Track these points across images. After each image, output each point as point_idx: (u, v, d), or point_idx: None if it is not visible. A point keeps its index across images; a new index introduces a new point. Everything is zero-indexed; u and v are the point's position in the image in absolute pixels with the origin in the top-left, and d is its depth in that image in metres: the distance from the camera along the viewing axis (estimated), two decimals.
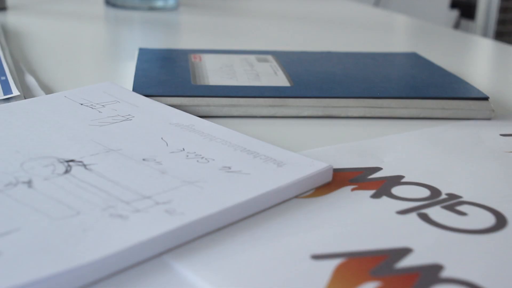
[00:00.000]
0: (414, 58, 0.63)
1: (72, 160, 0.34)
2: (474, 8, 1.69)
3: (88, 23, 0.83)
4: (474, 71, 0.67)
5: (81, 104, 0.43)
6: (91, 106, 0.43)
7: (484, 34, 1.67)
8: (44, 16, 0.84)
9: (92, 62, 0.65)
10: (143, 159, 0.35)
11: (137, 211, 0.29)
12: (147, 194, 0.31)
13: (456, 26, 1.72)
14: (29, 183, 0.31)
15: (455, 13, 1.74)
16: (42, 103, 0.43)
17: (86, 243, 0.27)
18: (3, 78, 0.49)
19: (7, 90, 0.46)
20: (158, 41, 0.74)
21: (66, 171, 0.33)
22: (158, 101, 0.45)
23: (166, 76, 0.52)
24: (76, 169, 0.33)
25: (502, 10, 1.68)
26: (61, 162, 0.34)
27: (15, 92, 0.45)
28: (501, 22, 1.72)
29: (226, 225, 0.31)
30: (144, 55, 0.59)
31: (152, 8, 0.93)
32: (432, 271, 0.27)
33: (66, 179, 0.32)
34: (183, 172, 0.34)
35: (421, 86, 0.52)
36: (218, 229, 0.30)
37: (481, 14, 1.68)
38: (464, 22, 1.75)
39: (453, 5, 1.72)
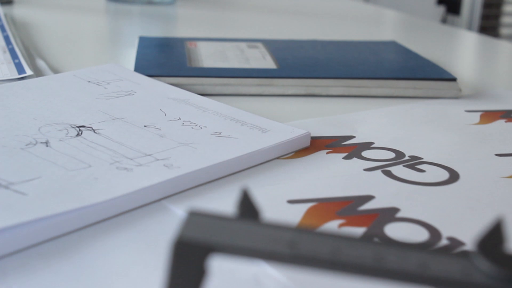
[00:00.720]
0: (393, 46, 0.68)
1: (82, 126, 0.39)
2: (460, 4, 1.74)
3: (90, 15, 0.87)
4: (453, 58, 0.72)
5: (89, 81, 0.48)
6: (97, 83, 0.47)
7: (469, 29, 1.73)
8: (48, 9, 0.89)
9: (96, 50, 0.70)
10: (144, 126, 0.40)
11: (140, 165, 0.34)
12: (148, 152, 0.36)
13: (443, 21, 1.77)
14: (46, 143, 0.36)
15: (441, 9, 1.79)
16: (54, 80, 0.48)
17: (97, 188, 0.31)
18: (16, 61, 0.54)
19: (21, 70, 0.51)
20: (156, 32, 0.78)
21: (78, 134, 0.38)
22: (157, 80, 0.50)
23: (164, 60, 0.56)
24: (86, 133, 0.38)
25: (486, 5, 1.74)
26: (73, 127, 0.39)
27: (28, 72, 0.50)
28: (485, 17, 1.78)
29: (217, 179, 0.35)
30: (144, 42, 0.63)
31: (151, 2, 0.98)
32: (390, 212, 0.32)
33: (78, 141, 0.37)
34: (179, 136, 0.39)
35: (395, 69, 0.57)
36: (210, 181, 0.35)
37: (466, 10, 1.73)
38: (450, 17, 1.80)
39: (440, 1, 1.78)
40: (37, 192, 0.30)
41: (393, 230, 0.30)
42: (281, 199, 0.33)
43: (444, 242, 0.29)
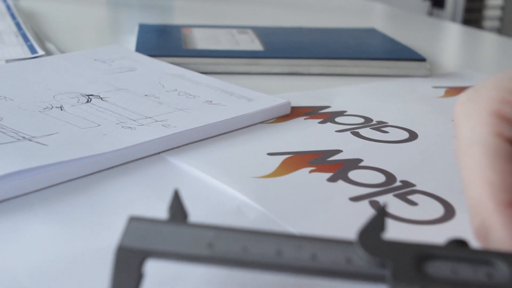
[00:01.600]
0: (372, 32, 0.73)
1: (91, 95, 0.44)
2: None
3: (92, 7, 0.92)
4: (434, 45, 0.77)
5: (95, 60, 0.53)
6: (103, 61, 0.53)
7: (453, 21, 1.78)
8: (53, 1, 0.94)
9: (99, 36, 0.75)
10: (145, 95, 0.45)
11: (142, 125, 0.40)
12: (148, 115, 0.41)
13: (430, 15, 1.82)
14: (61, 107, 0.41)
15: (427, 3, 1.85)
16: (64, 58, 0.53)
17: (106, 141, 0.37)
18: (28, 43, 0.59)
19: (33, 51, 0.56)
20: (155, 21, 0.84)
21: (88, 101, 0.43)
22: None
23: (162, 43, 0.62)
24: (95, 100, 0.43)
25: None
26: (83, 96, 0.44)
27: (40, 52, 0.55)
28: (468, 10, 1.84)
29: (208, 137, 0.41)
30: (144, 28, 0.69)
31: None
32: (354, 162, 0.38)
33: (88, 106, 0.42)
34: (175, 103, 0.44)
35: (371, 51, 0.62)
36: (203, 139, 0.40)
37: (450, 3, 1.79)
38: (435, 11, 1.86)
39: None
40: (55, 144, 0.36)
41: (355, 175, 0.36)
42: (262, 152, 0.39)
43: (398, 184, 0.35)
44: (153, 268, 0.24)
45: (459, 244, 0.24)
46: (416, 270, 0.22)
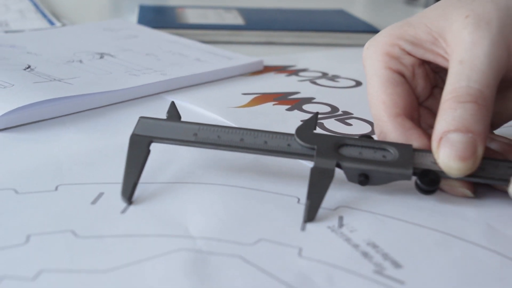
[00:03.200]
0: (340, 12, 0.84)
1: (103, 53, 0.55)
2: None
3: None
4: None
5: (104, 29, 0.63)
6: (110, 30, 0.63)
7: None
8: None
9: (103, 15, 0.85)
10: (146, 54, 0.56)
11: (144, 74, 0.50)
12: (149, 67, 0.52)
13: (407, 4, 1.94)
14: (80, 61, 0.52)
15: None
16: (78, 28, 0.63)
17: (117, 82, 0.47)
18: (46, 18, 0.69)
19: (51, 23, 0.66)
20: (153, 3, 0.94)
21: (101, 57, 0.53)
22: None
23: (160, 18, 0.72)
24: (106, 57, 0.54)
25: None
26: (97, 53, 0.54)
27: (57, 24, 0.66)
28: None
29: (197, 84, 0.51)
30: (144, 8, 0.79)
31: None
32: (308, 99, 0.48)
33: (101, 60, 0.52)
34: (171, 60, 0.54)
35: (336, 25, 0.73)
36: (193, 85, 0.51)
37: None
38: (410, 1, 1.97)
39: None
40: (78, 83, 0.46)
41: (308, 107, 0.46)
42: (238, 93, 0.49)
43: (339, 113, 0.45)
44: (155, 153, 0.35)
45: (366, 137, 0.34)
46: (334, 151, 0.32)
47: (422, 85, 0.36)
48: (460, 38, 0.32)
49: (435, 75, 0.37)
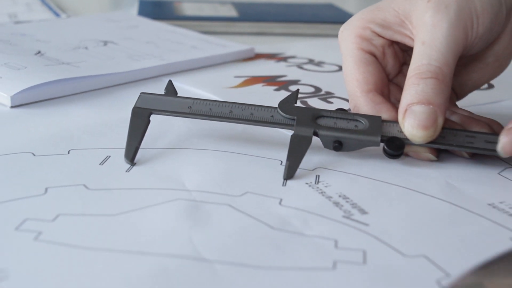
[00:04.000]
0: (329, 6, 0.88)
1: (107, 41, 0.59)
2: None
3: None
4: None
5: (106, 20, 0.67)
6: (112, 21, 0.67)
7: None
8: None
9: (105, 9, 0.89)
10: (146, 42, 0.60)
11: (144, 59, 0.54)
12: (149, 53, 0.56)
13: None
14: (86, 47, 0.56)
15: None
16: (82, 19, 0.67)
17: (121, 65, 0.51)
18: (53, 10, 0.73)
19: (57, 14, 0.70)
20: None
21: (104, 45, 0.57)
22: None
23: (158, 11, 0.76)
24: (109, 44, 0.58)
25: None
26: (101, 41, 0.58)
27: (63, 15, 0.70)
28: None
29: (194, 68, 0.55)
30: (143, 2, 0.83)
31: None
32: (294, 81, 0.52)
33: (105, 47, 0.57)
34: (169, 47, 0.58)
35: (324, 18, 0.77)
36: (190, 69, 0.55)
37: None
38: None
39: None
40: (85, 67, 0.50)
41: (294, 88, 0.50)
42: (231, 76, 0.53)
43: (322, 93, 0.50)
44: (154, 123, 0.39)
45: (342, 110, 0.38)
46: (311, 121, 0.36)
47: (392, 63, 0.40)
48: (422, 20, 0.36)
49: (404, 53, 0.41)
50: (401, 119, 0.35)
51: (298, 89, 0.39)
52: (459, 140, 0.36)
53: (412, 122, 0.34)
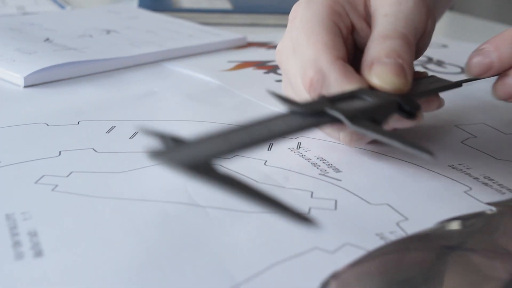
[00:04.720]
0: None
1: (109, 30, 0.63)
2: None
3: None
4: None
5: (108, 11, 0.72)
6: (114, 12, 0.71)
7: None
8: None
9: (106, 1, 0.93)
10: (147, 31, 0.64)
11: (145, 45, 0.58)
12: (149, 40, 0.60)
13: None
14: (90, 36, 0.60)
15: None
16: (85, 10, 0.71)
17: (122, 51, 0.55)
18: (58, 3, 0.77)
19: (62, 6, 0.74)
20: None
21: (107, 33, 0.62)
22: None
23: (157, 3, 0.80)
24: (112, 33, 0.62)
25: None
26: (104, 30, 0.63)
27: (67, 7, 0.74)
28: None
29: (190, 55, 0.59)
30: None
31: None
32: None
33: (108, 35, 0.61)
34: (169, 37, 0.62)
35: None
36: (187, 56, 0.59)
37: None
38: None
39: None
40: (90, 52, 0.54)
41: None
42: (225, 61, 0.57)
43: None
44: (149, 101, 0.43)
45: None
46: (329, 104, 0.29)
47: (349, 51, 0.36)
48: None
49: (356, 52, 0.37)
50: (367, 73, 0.32)
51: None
52: (426, 86, 0.34)
53: (382, 70, 0.31)
